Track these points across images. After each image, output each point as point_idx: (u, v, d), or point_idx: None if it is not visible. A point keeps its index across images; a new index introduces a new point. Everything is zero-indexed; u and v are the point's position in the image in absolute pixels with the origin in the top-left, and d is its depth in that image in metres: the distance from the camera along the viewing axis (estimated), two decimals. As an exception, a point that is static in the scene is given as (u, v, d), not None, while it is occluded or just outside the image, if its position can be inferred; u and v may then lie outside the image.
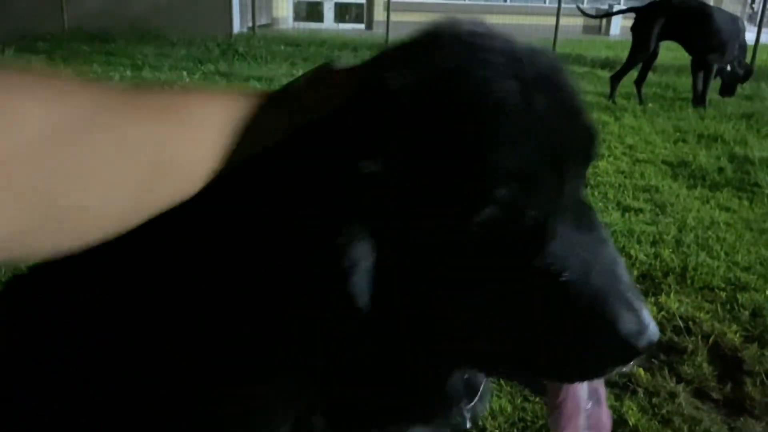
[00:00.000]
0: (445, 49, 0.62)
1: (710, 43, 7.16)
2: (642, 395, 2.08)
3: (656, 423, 1.96)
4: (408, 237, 0.59)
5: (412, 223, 0.59)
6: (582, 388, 0.68)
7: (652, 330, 0.60)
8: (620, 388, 2.10)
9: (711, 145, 5.55)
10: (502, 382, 1.89)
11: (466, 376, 0.70)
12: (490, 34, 0.65)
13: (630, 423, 1.94)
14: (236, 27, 12.16)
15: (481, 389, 0.74)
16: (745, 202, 4.09)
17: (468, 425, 0.73)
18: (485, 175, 0.57)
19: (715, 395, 2.13)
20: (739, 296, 2.75)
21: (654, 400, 2.07)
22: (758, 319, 2.58)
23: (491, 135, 0.57)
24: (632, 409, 1.99)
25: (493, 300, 0.60)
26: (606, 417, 0.70)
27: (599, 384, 0.70)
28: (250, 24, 12.15)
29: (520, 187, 0.58)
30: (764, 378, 2.20)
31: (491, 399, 1.93)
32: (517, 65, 0.61)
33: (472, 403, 0.73)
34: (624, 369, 0.61)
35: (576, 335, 0.59)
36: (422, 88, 0.59)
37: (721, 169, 4.78)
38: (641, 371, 2.19)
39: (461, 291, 0.60)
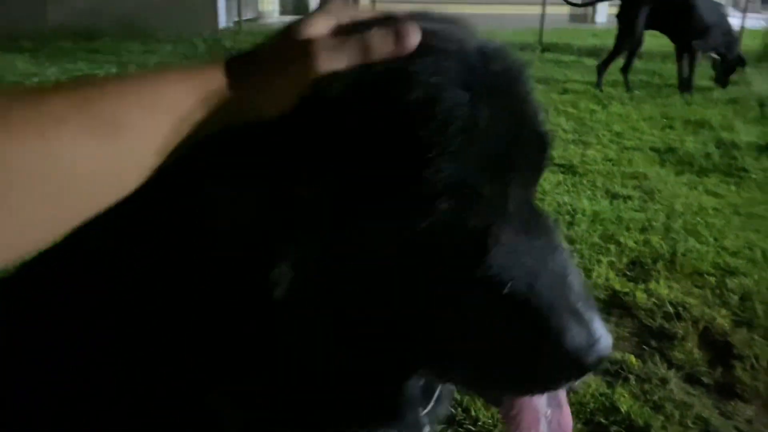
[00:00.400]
0: None
1: (693, 29, 7.22)
2: (633, 382, 2.10)
3: (648, 409, 1.97)
4: (348, 248, 0.58)
5: (351, 235, 0.57)
6: (540, 396, 0.65)
7: (604, 343, 0.56)
8: (612, 376, 2.11)
9: (698, 131, 5.57)
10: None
11: (422, 381, 0.68)
12: (447, 33, 0.62)
13: (622, 410, 1.95)
14: (222, 22, 12.08)
15: (438, 393, 0.72)
16: (733, 187, 4.11)
17: (427, 429, 0.71)
18: (425, 189, 0.55)
19: (705, 380, 2.15)
20: (728, 281, 2.77)
21: (645, 386, 2.08)
22: (747, 303, 2.60)
23: (434, 148, 0.55)
24: (624, 396, 2.01)
25: (437, 311, 0.58)
26: (566, 420, 0.68)
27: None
28: (236, 19, 12.08)
29: (461, 200, 0.56)
30: (754, 362, 2.21)
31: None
32: (469, 71, 0.58)
33: (429, 408, 0.71)
34: (576, 384, 0.58)
35: (521, 349, 0.56)
36: (362, 95, 0.57)
37: (708, 155, 4.80)
38: (632, 358, 2.21)
39: (403, 302, 0.58)
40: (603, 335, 0.57)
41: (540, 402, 0.66)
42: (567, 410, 0.69)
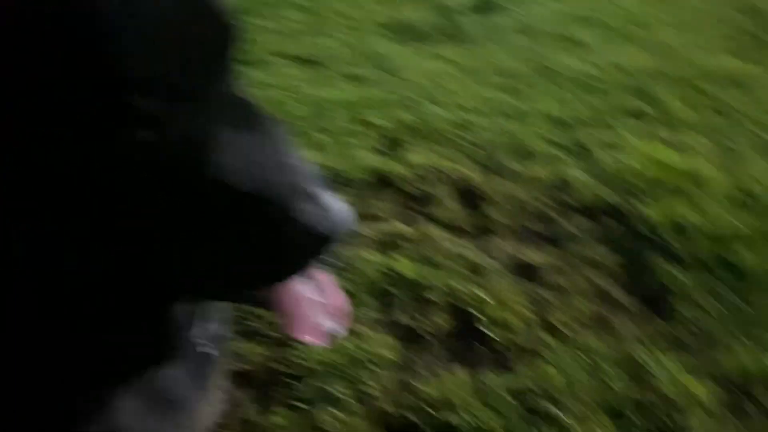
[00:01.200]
0: None
1: None
2: (408, 247, 2.28)
3: (427, 267, 2.17)
4: (61, 178, 0.53)
5: (60, 156, 0.52)
6: (300, 285, 0.67)
7: (338, 213, 0.58)
8: (388, 247, 2.27)
9: (418, 0, 5.85)
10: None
11: (183, 305, 0.66)
12: None
13: (406, 275, 2.13)
14: None
15: (211, 314, 0.71)
16: (461, 50, 4.42)
17: (213, 352, 0.71)
18: (119, 92, 0.51)
19: (466, 228, 2.40)
20: (471, 137, 3.06)
21: (419, 248, 2.27)
22: (491, 151, 2.91)
23: (116, 46, 0.51)
24: (403, 262, 2.18)
25: (172, 221, 0.56)
26: (336, 297, 0.71)
27: (315, 273, 0.69)
28: None
29: (161, 100, 0.53)
30: (502, 202, 2.52)
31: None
32: None
33: (200, 329, 0.70)
34: (329, 256, 0.60)
35: (261, 240, 0.57)
36: (33, 4, 0.50)
37: (432, 24, 5.08)
38: (403, 226, 2.38)
39: (136, 217, 0.55)
40: (336, 206, 0.58)
41: (303, 290, 0.68)
42: (334, 289, 0.72)
